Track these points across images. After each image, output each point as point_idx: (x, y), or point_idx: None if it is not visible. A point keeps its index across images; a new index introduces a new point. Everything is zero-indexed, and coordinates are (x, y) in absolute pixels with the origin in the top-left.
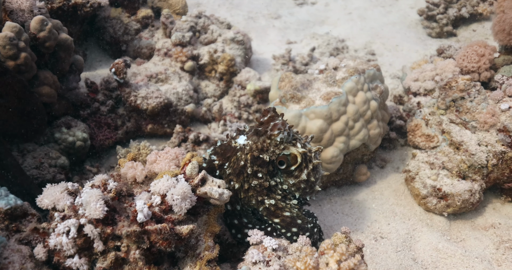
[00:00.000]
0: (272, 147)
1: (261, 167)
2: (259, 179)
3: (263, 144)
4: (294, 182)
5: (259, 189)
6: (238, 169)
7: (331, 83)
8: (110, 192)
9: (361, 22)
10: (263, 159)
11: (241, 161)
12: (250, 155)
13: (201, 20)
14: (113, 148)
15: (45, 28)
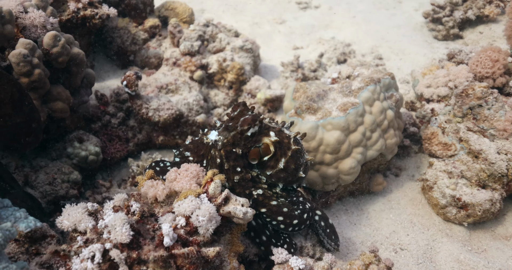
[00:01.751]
0: (243, 141)
1: (237, 161)
2: (239, 173)
3: (233, 138)
4: (272, 173)
5: (244, 183)
6: (218, 167)
7: (347, 93)
8: (134, 215)
9: (366, 25)
10: (236, 153)
11: (217, 158)
12: (224, 151)
13: (209, 28)
14: (125, 161)
15: (58, 44)
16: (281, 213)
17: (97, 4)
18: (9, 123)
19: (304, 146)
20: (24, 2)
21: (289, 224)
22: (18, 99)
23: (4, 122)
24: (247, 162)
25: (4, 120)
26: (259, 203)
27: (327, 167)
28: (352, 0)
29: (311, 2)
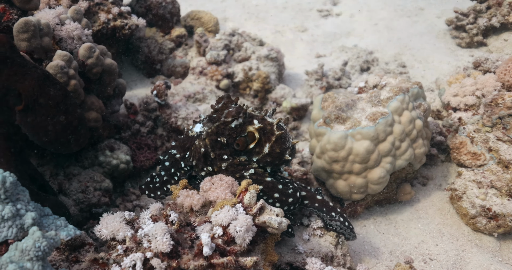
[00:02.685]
0: (228, 131)
1: (222, 149)
2: (227, 160)
3: (217, 128)
4: (258, 158)
5: (233, 168)
6: (202, 156)
7: (375, 103)
8: (173, 224)
9: (388, 33)
10: (221, 142)
11: (201, 148)
12: (209, 140)
13: (234, 37)
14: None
15: (93, 55)
16: (277, 189)
17: (126, 15)
18: (55, 124)
19: (333, 155)
20: (61, 14)
21: (285, 202)
22: (62, 101)
23: (49, 123)
24: (234, 150)
25: (49, 121)
26: (254, 181)
27: (356, 176)
28: (374, 8)
29: (332, 9)
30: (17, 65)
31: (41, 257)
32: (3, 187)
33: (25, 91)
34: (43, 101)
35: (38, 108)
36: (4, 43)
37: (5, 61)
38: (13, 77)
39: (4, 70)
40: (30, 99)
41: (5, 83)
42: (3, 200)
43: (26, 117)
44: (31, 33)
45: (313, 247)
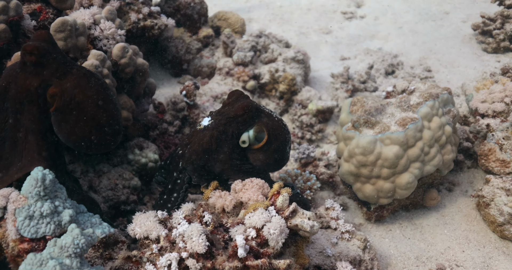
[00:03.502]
0: (236, 124)
1: (226, 141)
2: (224, 153)
3: (226, 121)
4: (259, 157)
5: (230, 162)
6: (202, 147)
7: (405, 108)
8: (207, 225)
9: (412, 36)
10: (227, 134)
11: (205, 137)
12: (216, 131)
13: (261, 39)
14: None
15: (126, 55)
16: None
17: (156, 15)
18: (94, 121)
19: (361, 160)
20: (95, 14)
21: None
22: (103, 99)
23: (88, 123)
24: (236, 143)
25: (89, 119)
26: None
27: (383, 181)
28: (398, 11)
29: (356, 12)
30: (58, 62)
31: (79, 254)
32: (43, 185)
33: (65, 88)
34: (81, 99)
35: (76, 107)
36: (46, 40)
37: (47, 57)
38: (54, 74)
39: (46, 66)
40: (68, 97)
41: (45, 79)
42: (42, 197)
43: (60, 116)
44: (67, 33)
45: (342, 251)
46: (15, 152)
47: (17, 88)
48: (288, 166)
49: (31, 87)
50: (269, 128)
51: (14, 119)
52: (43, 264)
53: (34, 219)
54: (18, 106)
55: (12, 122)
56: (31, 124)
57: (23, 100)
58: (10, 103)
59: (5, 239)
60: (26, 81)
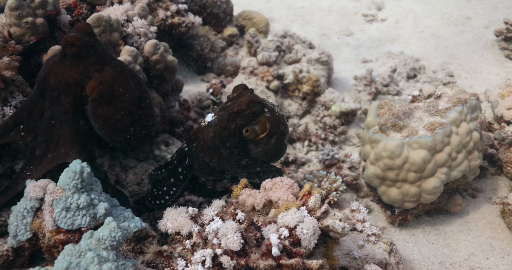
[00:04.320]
0: (239, 119)
1: (229, 137)
2: (227, 148)
3: (229, 116)
4: (260, 149)
5: (230, 157)
6: (207, 144)
7: (433, 112)
8: (240, 223)
9: (434, 41)
10: (229, 130)
11: (209, 133)
12: (219, 127)
13: (286, 39)
14: None
15: (157, 52)
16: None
17: (183, 13)
18: (129, 115)
19: (388, 163)
20: (128, 11)
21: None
22: (139, 94)
23: (124, 117)
24: (239, 139)
25: (122, 114)
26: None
27: (410, 185)
28: (419, 15)
29: (377, 15)
30: (98, 54)
31: (115, 247)
32: (81, 177)
33: (102, 80)
34: (118, 92)
35: (113, 100)
36: (87, 31)
37: (87, 49)
38: (93, 66)
39: (85, 58)
40: (106, 90)
41: (84, 72)
42: (79, 189)
43: (98, 108)
44: (102, 28)
45: (368, 253)
46: (49, 143)
47: (56, 79)
48: (310, 167)
49: (70, 78)
50: (271, 121)
51: (51, 110)
52: (81, 255)
53: (71, 211)
54: (55, 97)
55: (48, 114)
56: (67, 116)
57: (61, 92)
58: (48, 94)
59: (42, 229)
60: (65, 73)
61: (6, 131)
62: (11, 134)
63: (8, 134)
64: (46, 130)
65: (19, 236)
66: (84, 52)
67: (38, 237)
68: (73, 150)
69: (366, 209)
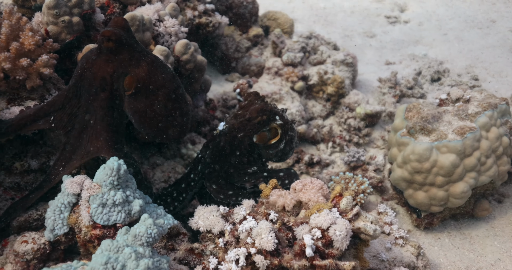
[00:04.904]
0: (250, 127)
1: (239, 145)
2: (236, 156)
3: (240, 124)
4: (272, 152)
5: (239, 165)
6: (218, 152)
7: (463, 116)
8: (273, 223)
9: (458, 44)
10: (239, 138)
11: (220, 142)
12: (229, 136)
13: (311, 41)
14: None
15: (188, 52)
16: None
17: (210, 13)
18: (165, 111)
19: (416, 166)
20: (160, 11)
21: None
22: (173, 88)
23: (158, 110)
24: (249, 146)
25: (158, 108)
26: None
27: (437, 189)
28: (443, 17)
29: (400, 16)
30: (133, 49)
31: (151, 243)
32: (117, 174)
33: (139, 75)
34: (154, 87)
35: (149, 94)
36: (123, 26)
37: (123, 44)
38: (129, 61)
39: (121, 53)
40: (142, 84)
41: (120, 67)
42: (115, 186)
43: (135, 102)
44: (135, 28)
45: (396, 256)
46: (82, 139)
47: (92, 75)
48: (334, 168)
49: (106, 74)
50: (282, 128)
51: (86, 106)
52: (119, 251)
53: (107, 206)
54: (91, 93)
55: (83, 110)
56: (101, 111)
57: (98, 88)
58: (84, 90)
59: (78, 224)
60: (101, 69)
61: (34, 119)
62: (40, 123)
63: (36, 123)
64: (80, 126)
65: (56, 230)
66: (120, 47)
67: (74, 232)
68: (106, 145)
69: (393, 212)
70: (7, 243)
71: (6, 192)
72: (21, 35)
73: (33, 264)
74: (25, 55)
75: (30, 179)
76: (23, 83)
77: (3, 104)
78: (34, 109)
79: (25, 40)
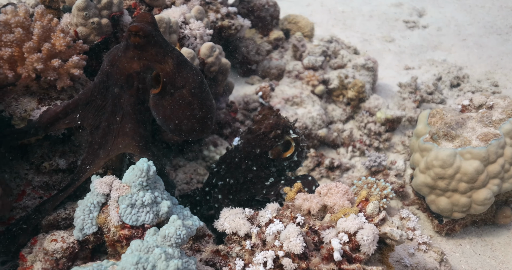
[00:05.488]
0: (265, 142)
1: (255, 160)
2: (253, 172)
3: (255, 140)
4: (286, 164)
5: (256, 179)
6: (233, 167)
7: (487, 123)
8: (301, 226)
9: (477, 49)
10: (255, 153)
11: (235, 158)
12: (244, 151)
13: (332, 44)
14: None
15: (213, 54)
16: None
17: (233, 15)
18: (189, 108)
19: (439, 172)
20: (185, 13)
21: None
22: (198, 86)
23: (185, 107)
24: (265, 161)
25: (184, 105)
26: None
27: (460, 195)
28: (462, 22)
29: (418, 21)
30: (160, 45)
31: (180, 244)
32: (147, 175)
33: (165, 72)
34: (179, 83)
35: (174, 91)
36: (150, 22)
37: (150, 40)
38: (155, 57)
39: (148, 49)
40: (168, 81)
41: (146, 63)
42: (144, 187)
43: (161, 100)
44: (162, 30)
45: (419, 262)
46: (109, 135)
47: (118, 71)
48: (354, 172)
49: (132, 70)
50: (295, 141)
51: (113, 103)
52: (149, 251)
53: (135, 207)
54: (118, 89)
55: (110, 107)
56: (128, 108)
57: (124, 84)
58: (110, 87)
59: (107, 224)
60: (128, 65)
61: (61, 117)
62: (66, 121)
63: (62, 121)
64: (107, 123)
65: (85, 230)
66: (147, 42)
67: (103, 231)
68: (132, 142)
69: (415, 217)
70: (36, 241)
71: (34, 191)
72: (52, 36)
73: (62, 262)
74: (56, 56)
75: (58, 178)
76: (53, 84)
77: (34, 104)
78: (60, 106)
79: (57, 41)
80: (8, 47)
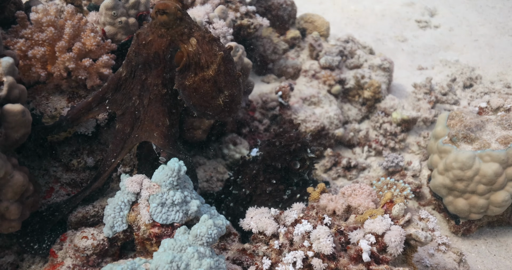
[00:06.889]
0: (284, 156)
1: (274, 174)
2: (274, 185)
3: (275, 153)
4: (297, 180)
5: (275, 193)
6: (252, 179)
7: (506, 126)
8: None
9: (489, 50)
10: (275, 167)
11: (253, 170)
12: (263, 164)
13: (348, 44)
14: None
15: (236, 54)
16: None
17: (251, 14)
18: (216, 87)
19: (458, 174)
20: (209, 13)
21: None
22: (225, 65)
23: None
24: (284, 174)
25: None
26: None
27: (478, 197)
28: (473, 23)
29: (430, 21)
30: (185, 23)
31: (211, 243)
32: (178, 175)
33: (189, 51)
34: (205, 62)
35: (199, 70)
36: (177, 2)
37: (177, 17)
38: (180, 36)
39: (174, 27)
40: (193, 60)
41: (172, 41)
42: (174, 186)
43: (186, 79)
44: None
45: (439, 262)
46: (133, 124)
47: (146, 50)
48: (370, 172)
49: (159, 49)
50: (311, 161)
51: (141, 85)
52: (182, 250)
53: (166, 206)
54: (145, 69)
55: (138, 89)
56: (155, 90)
57: (151, 63)
58: (138, 68)
59: (137, 222)
60: (155, 44)
61: (91, 107)
62: (96, 109)
63: (92, 110)
64: (133, 109)
65: (115, 227)
66: (173, 20)
67: (132, 229)
68: (157, 131)
69: (435, 218)
70: (66, 238)
71: (62, 188)
72: (82, 35)
73: (92, 259)
74: (86, 55)
75: (86, 176)
76: (82, 82)
77: (63, 102)
78: (91, 96)
79: (87, 40)
80: (40, 46)
